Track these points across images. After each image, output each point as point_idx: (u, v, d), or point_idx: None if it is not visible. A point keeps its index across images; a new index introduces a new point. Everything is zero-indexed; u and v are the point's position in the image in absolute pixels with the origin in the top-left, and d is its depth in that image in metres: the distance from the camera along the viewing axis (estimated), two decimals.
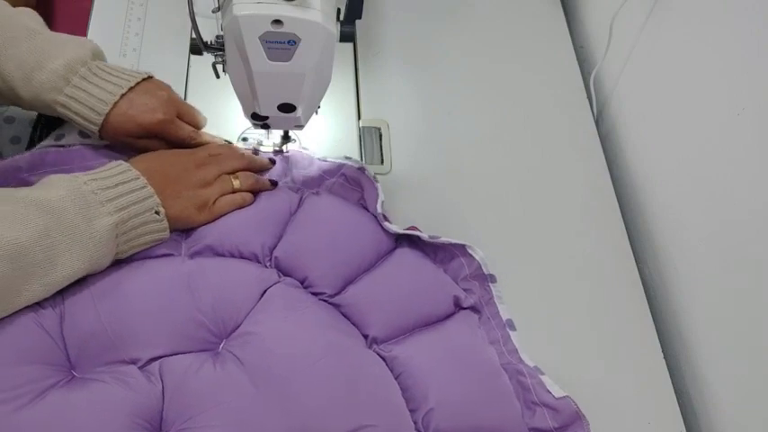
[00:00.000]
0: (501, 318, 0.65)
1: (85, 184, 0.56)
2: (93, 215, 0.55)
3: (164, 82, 0.69)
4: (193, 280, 0.59)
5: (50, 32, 0.65)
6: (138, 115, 0.64)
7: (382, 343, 0.62)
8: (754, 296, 0.61)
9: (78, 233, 0.54)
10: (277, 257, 0.64)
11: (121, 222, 0.57)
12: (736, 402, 0.63)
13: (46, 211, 0.53)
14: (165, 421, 0.54)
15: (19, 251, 0.51)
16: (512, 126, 0.82)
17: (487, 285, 0.67)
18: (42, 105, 0.64)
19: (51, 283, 0.54)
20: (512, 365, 0.62)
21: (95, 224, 0.55)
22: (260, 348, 0.57)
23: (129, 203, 0.57)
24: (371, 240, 0.66)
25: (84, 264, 0.55)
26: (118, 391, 0.53)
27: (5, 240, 0.50)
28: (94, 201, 0.56)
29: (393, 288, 0.64)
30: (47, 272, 0.53)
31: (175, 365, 0.56)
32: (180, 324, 0.57)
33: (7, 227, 0.51)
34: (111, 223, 0.56)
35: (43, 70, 0.62)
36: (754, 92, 0.60)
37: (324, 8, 0.55)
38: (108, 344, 0.55)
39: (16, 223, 0.51)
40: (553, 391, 0.60)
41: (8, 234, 0.50)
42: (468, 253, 0.67)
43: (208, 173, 0.64)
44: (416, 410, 0.58)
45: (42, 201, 0.53)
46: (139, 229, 0.59)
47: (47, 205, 0.53)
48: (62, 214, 0.54)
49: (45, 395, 0.51)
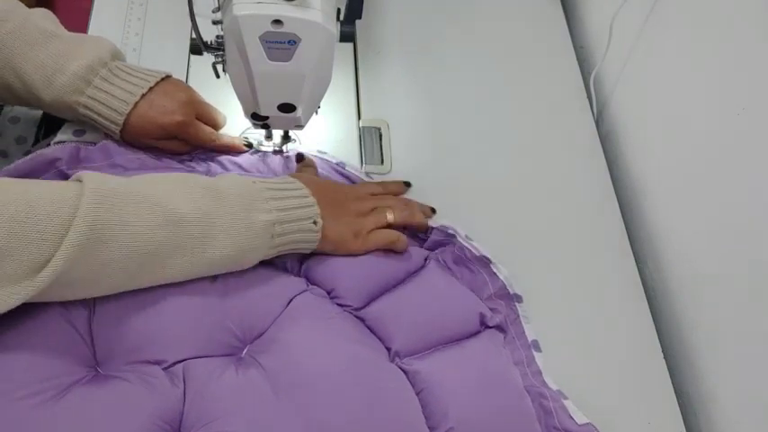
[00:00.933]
0: (527, 338, 0.65)
1: (254, 183, 0.58)
2: (254, 207, 0.57)
3: (183, 82, 0.70)
4: (222, 285, 0.59)
5: (67, 33, 0.66)
6: (157, 117, 0.65)
7: (405, 357, 0.61)
8: (754, 296, 0.61)
9: (236, 220, 0.56)
10: (307, 267, 0.64)
11: (279, 223, 0.58)
12: (736, 402, 0.63)
13: (212, 194, 0.56)
14: (184, 424, 0.53)
15: (179, 220, 0.53)
16: (511, 126, 0.82)
17: (513, 305, 0.66)
18: (64, 108, 0.65)
19: (199, 262, 0.55)
20: (535, 388, 0.61)
21: (254, 215, 0.57)
22: (283, 356, 0.57)
23: (290, 207, 0.59)
24: (401, 258, 0.66)
25: (234, 251, 0.56)
26: (140, 391, 0.53)
27: (169, 208, 0.52)
28: (259, 197, 0.58)
29: (419, 304, 0.63)
30: (197, 249, 0.54)
31: (199, 369, 0.56)
32: (207, 328, 0.57)
33: (174, 199, 0.53)
34: (270, 220, 0.57)
35: (64, 73, 0.62)
36: (754, 92, 0.60)
37: (324, 8, 0.55)
38: (135, 343, 0.56)
39: (183, 197, 0.54)
40: (576, 417, 0.59)
41: (173, 203, 0.53)
42: (493, 272, 0.67)
43: (365, 205, 0.66)
44: (436, 428, 0.57)
45: (211, 185, 0.56)
46: (295, 235, 0.59)
47: (214, 189, 0.56)
48: (226, 199, 0.56)
49: (68, 391, 0.52)
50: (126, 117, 0.64)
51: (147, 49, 0.79)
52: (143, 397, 0.53)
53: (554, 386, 0.62)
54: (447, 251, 0.68)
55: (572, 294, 0.70)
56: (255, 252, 0.58)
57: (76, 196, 0.49)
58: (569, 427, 0.59)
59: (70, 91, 0.63)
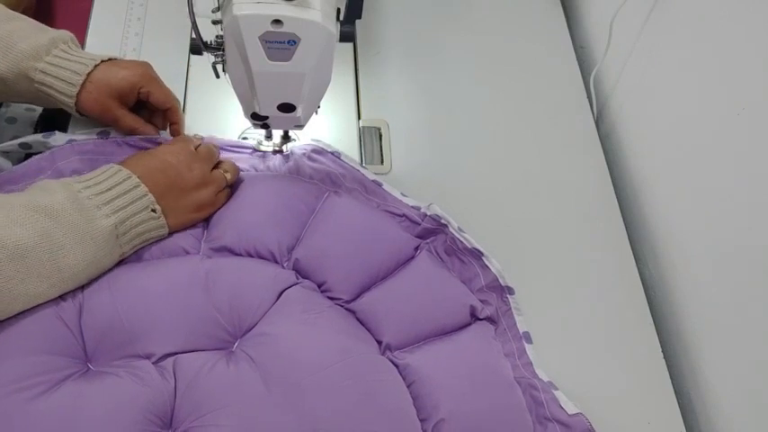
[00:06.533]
0: (518, 330, 0.65)
1: (79, 192, 0.57)
2: (92, 216, 0.56)
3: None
4: (211, 279, 0.59)
5: (30, 19, 0.66)
6: (118, 71, 0.65)
7: (396, 350, 0.62)
8: (754, 296, 0.61)
9: (80, 233, 0.55)
10: (297, 259, 0.64)
11: (120, 223, 0.58)
12: (736, 402, 0.63)
13: (46, 214, 0.54)
14: (175, 418, 0.54)
15: (22, 252, 0.51)
16: (512, 126, 0.82)
17: (505, 297, 0.66)
18: (19, 77, 0.64)
19: (58, 283, 0.54)
20: (525, 379, 0.62)
21: (95, 224, 0.56)
22: (274, 350, 0.57)
23: (125, 204, 0.58)
24: (392, 248, 0.66)
25: (88, 263, 0.56)
26: (131, 385, 0.53)
27: (9, 242, 0.51)
28: (90, 205, 0.57)
29: (409, 296, 0.64)
30: (52, 272, 0.54)
31: (189, 363, 0.56)
32: (196, 322, 0.58)
33: (8, 230, 0.51)
34: (111, 224, 0.57)
35: (25, 42, 0.63)
36: (754, 92, 0.60)
37: (324, 8, 0.55)
38: (124, 338, 0.56)
39: (17, 226, 0.52)
40: (566, 407, 0.59)
41: (9, 236, 0.51)
42: (485, 264, 0.67)
43: (201, 172, 0.64)
44: (427, 420, 0.57)
45: (42, 205, 0.54)
46: (138, 227, 0.59)
47: (47, 208, 0.54)
48: (62, 216, 0.55)
49: (60, 386, 0.52)
50: (84, 79, 0.64)
51: (146, 49, 0.79)
52: (134, 392, 0.53)
53: (545, 377, 0.62)
54: (438, 241, 0.68)
55: (572, 295, 0.70)
56: (108, 257, 0.58)
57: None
58: (560, 417, 0.59)
59: (29, 56, 0.63)
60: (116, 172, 0.60)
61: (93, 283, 0.58)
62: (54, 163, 0.65)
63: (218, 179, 0.65)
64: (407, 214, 0.69)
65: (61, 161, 0.65)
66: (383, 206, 0.70)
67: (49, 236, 0.53)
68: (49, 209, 0.54)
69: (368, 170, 0.72)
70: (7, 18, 0.64)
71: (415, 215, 0.69)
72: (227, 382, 0.55)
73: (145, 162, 0.62)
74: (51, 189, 0.56)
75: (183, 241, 0.63)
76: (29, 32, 0.63)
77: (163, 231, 0.62)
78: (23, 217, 0.53)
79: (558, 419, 0.59)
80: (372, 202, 0.70)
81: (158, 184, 0.61)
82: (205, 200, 0.64)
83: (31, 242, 0.52)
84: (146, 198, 0.59)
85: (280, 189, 0.68)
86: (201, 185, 0.64)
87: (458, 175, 0.77)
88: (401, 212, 0.69)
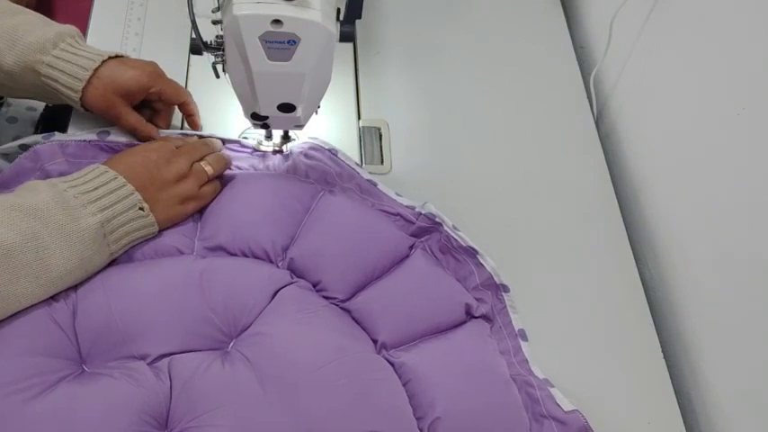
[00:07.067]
0: (513, 327, 0.65)
1: (65, 191, 0.57)
2: (78, 215, 0.56)
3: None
4: (205, 279, 0.59)
5: (36, 13, 0.66)
6: (126, 70, 0.65)
7: (391, 349, 0.62)
8: (754, 296, 0.61)
9: (66, 232, 0.55)
10: (292, 259, 0.64)
11: (106, 221, 0.57)
12: (736, 402, 0.63)
13: (31, 214, 0.54)
14: (171, 418, 0.54)
15: (7, 253, 0.51)
16: (512, 126, 0.82)
17: (500, 295, 0.66)
18: (26, 70, 0.64)
19: (47, 283, 0.54)
20: (521, 377, 0.62)
21: (81, 223, 0.56)
22: (269, 350, 0.57)
23: (111, 203, 0.58)
24: (387, 247, 0.66)
25: (76, 262, 0.56)
26: (126, 386, 0.53)
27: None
28: (76, 204, 0.57)
29: (405, 295, 0.64)
30: (39, 272, 0.54)
31: (184, 363, 0.56)
32: (190, 322, 0.58)
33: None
34: (97, 222, 0.57)
35: (31, 35, 0.63)
36: (754, 92, 0.60)
37: (324, 8, 0.55)
38: (119, 339, 0.56)
39: (2, 227, 0.52)
40: (562, 404, 0.59)
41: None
42: (479, 262, 0.67)
43: (180, 165, 0.64)
44: (423, 418, 0.57)
45: (27, 205, 0.54)
46: (126, 226, 0.59)
47: (32, 209, 0.54)
48: (48, 215, 0.55)
49: (54, 388, 0.52)
50: (91, 74, 0.64)
51: (147, 49, 0.79)
52: (129, 393, 0.53)
53: (540, 375, 0.62)
54: (433, 239, 0.68)
55: (573, 295, 0.70)
56: (96, 256, 0.58)
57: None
58: (556, 414, 0.59)
59: (35, 50, 0.63)
60: (103, 172, 0.60)
61: (87, 284, 0.58)
62: (40, 162, 0.65)
63: (197, 171, 0.65)
64: (402, 213, 0.69)
65: (48, 162, 0.65)
66: (378, 205, 0.70)
67: (34, 235, 0.53)
68: (34, 209, 0.54)
69: (363, 169, 0.72)
70: (13, 12, 0.64)
71: (410, 214, 0.69)
72: (223, 382, 0.55)
73: (126, 159, 0.63)
74: (37, 189, 0.56)
75: (177, 241, 0.63)
76: (35, 26, 0.63)
77: (153, 230, 0.62)
78: (8, 217, 0.53)
79: (554, 416, 0.59)
80: (367, 202, 0.70)
81: (139, 177, 0.61)
82: (187, 192, 0.64)
83: (16, 242, 0.52)
84: (132, 197, 0.59)
85: (275, 187, 0.68)
86: (181, 178, 0.64)
87: (458, 175, 0.77)
88: (396, 211, 0.69)
